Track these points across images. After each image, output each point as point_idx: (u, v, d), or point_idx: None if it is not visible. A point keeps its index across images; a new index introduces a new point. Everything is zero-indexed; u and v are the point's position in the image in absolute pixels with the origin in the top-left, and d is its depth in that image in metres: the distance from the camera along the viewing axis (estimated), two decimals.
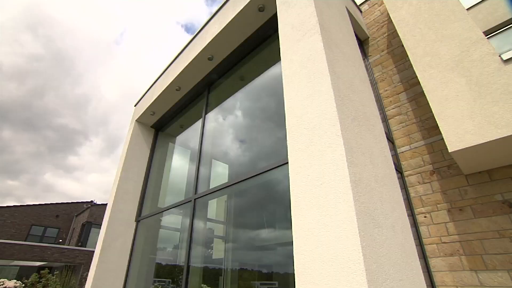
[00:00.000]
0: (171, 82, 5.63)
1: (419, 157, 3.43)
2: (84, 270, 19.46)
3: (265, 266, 3.57)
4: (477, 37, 2.71)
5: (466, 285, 2.74)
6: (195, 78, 5.51)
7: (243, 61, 4.96)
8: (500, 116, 2.35)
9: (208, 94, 5.52)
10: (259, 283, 3.51)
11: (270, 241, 3.59)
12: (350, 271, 1.64)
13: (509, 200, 2.74)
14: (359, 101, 2.45)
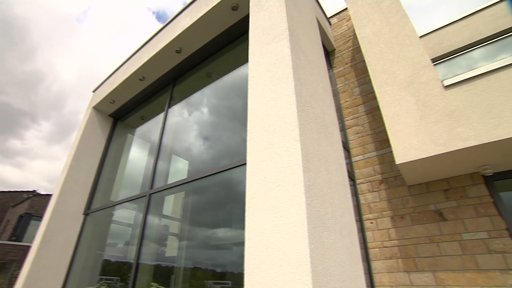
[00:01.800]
0: (135, 70, 5.38)
1: (371, 166, 3.68)
2: (16, 268, 17.53)
3: (219, 265, 3.56)
4: (426, 62, 2.98)
5: (400, 284, 3.01)
6: (161, 69, 5.33)
7: (212, 58, 4.90)
8: (439, 135, 2.61)
9: (173, 87, 5.36)
10: (212, 282, 3.48)
11: (226, 241, 3.59)
12: (298, 272, 1.70)
13: (439, 210, 3.06)
14: (320, 109, 2.56)
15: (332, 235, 2.05)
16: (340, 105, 4.32)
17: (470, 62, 4.74)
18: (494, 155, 2.68)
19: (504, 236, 2.71)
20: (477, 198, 2.94)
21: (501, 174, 3.02)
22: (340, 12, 5.40)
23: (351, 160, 3.84)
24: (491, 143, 2.46)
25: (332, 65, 4.80)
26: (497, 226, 2.77)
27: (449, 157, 2.69)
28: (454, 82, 2.75)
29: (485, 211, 2.86)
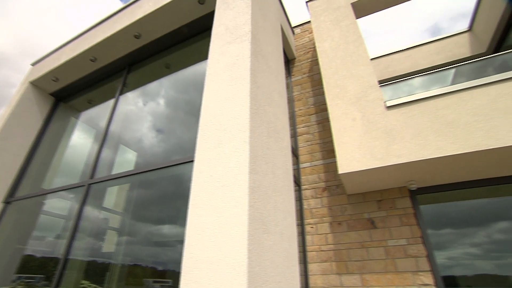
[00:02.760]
0: (86, 49, 4.95)
1: (317, 174, 3.88)
2: None
3: (161, 263, 3.43)
4: (374, 82, 3.26)
5: (332, 286, 3.22)
6: (116, 52, 4.99)
7: (172, 49, 4.73)
8: (378, 150, 2.87)
9: (128, 73, 5.06)
10: (151, 281, 3.34)
11: (171, 238, 3.47)
12: (234, 272, 1.72)
13: (372, 219, 3.35)
14: (274, 114, 2.63)
15: (272, 237, 2.11)
16: (294, 113, 4.49)
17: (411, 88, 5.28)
18: (419, 172, 3.03)
19: (419, 242, 3.08)
20: (402, 209, 3.28)
21: (423, 189, 3.42)
22: (304, 24, 5.61)
23: (298, 166, 4.01)
24: (418, 162, 2.77)
25: (291, 73, 4.96)
26: (415, 234, 3.13)
27: (384, 171, 2.96)
28: (394, 104, 3.05)
29: (407, 221, 3.21)
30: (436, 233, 3.50)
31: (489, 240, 3.34)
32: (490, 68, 4.26)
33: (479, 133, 2.65)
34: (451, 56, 5.66)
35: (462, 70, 4.54)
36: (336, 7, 4.24)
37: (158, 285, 3.27)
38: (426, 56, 5.85)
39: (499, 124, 2.63)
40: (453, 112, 2.82)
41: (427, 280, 2.94)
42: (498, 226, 3.39)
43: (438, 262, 3.13)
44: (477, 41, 5.53)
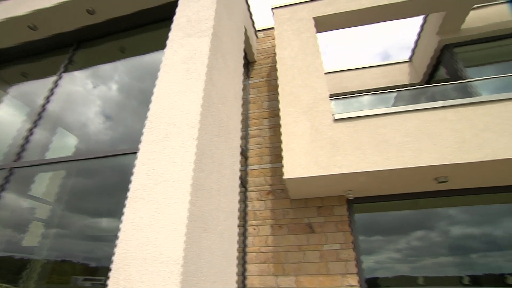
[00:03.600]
0: (25, 14, 4.39)
1: (263, 177, 3.97)
2: None
3: (96, 259, 3.15)
4: (325, 95, 3.46)
5: (268, 286, 3.31)
6: (64, 25, 4.51)
7: (129, 33, 4.44)
8: (322, 160, 3.05)
9: (76, 50, 4.60)
10: (82, 278, 3.05)
11: (109, 232, 3.22)
12: (168, 271, 1.66)
13: (311, 223, 3.54)
14: (226, 113, 2.63)
15: (211, 237, 2.10)
16: (248, 115, 4.54)
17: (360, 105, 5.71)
18: (356, 183, 3.29)
19: (350, 247, 3.35)
20: (339, 216, 3.53)
21: (358, 199, 3.73)
22: (268, 29, 5.73)
23: (247, 168, 4.06)
24: (356, 173, 3.01)
25: (250, 75, 5.02)
26: (347, 239, 3.39)
27: (326, 179, 3.15)
28: (341, 118, 3.27)
29: (342, 227, 3.46)
30: (367, 239, 3.83)
31: (408, 246, 3.77)
32: (422, 97, 4.81)
33: (408, 152, 2.98)
34: (394, 81, 6.28)
35: (402, 94, 5.05)
36: (299, 19, 4.41)
37: (89, 283, 3.02)
38: (374, 78, 6.40)
39: (424, 146, 2.99)
40: (390, 131, 3.13)
41: (353, 281, 3.20)
42: (416, 234, 3.84)
43: (365, 265, 3.42)
44: (415, 72, 6.22)
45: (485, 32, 4.84)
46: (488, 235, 3.72)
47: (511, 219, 3.79)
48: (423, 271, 3.61)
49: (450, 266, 3.63)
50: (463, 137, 2.99)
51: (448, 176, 3.22)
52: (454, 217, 3.95)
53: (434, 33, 5.08)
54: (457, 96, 3.55)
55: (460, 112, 3.15)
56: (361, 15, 4.46)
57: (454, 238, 3.77)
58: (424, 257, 3.69)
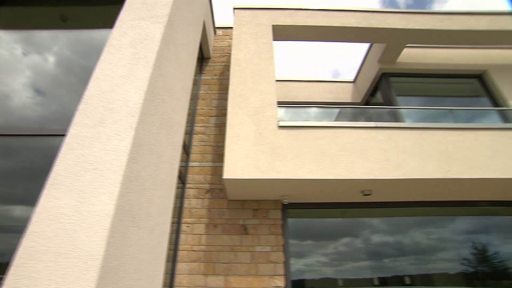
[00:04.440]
0: None
1: (204, 175, 3.92)
2: None
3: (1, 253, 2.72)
4: (273, 101, 3.58)
5: (196, 286, 3.26)
6: None
7: (73, 1, 3.99)
8: (262, 164, 3.14)
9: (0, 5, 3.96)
10: None
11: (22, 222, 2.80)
12: (85, 267, 1.53)
13: (245, 225, 3.61)
14: (172, 106, 2.54)
15: (140, 232, 2.00)
16: (196, 110, 4.46)
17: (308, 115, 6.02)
18: (292, 189, 3.46)
19: (280, 250, 3.50)
20: (273, 220, 3.67)
21: (293, 204, 3.93)
22: (227, 28, 5.71)
23: (187, 164, 3.97)
24: (293, 180, 3.17)
25: (202, 71, 4.93)
26: (278, 242, 3.54)
27: (264, 183, 3.25)
28: (285, 125, 3.41)
29: (275, 230, 3.60)
30: (300, 243, 4.05)
31: (335, 251, 4.10)
32: (360, 116, 5.30)
33: (341, 165, 3.25)
34: (338, 98, 6.80)
35: (344, 111, 5.48)
36: (259, 24, 4.50)
37: None
38: (321, 92, 6.85)
39: (355, 161, 3.30)
40: (328, 143, 3.38)
41: (280, 283, 3.34)
42: (343, 241, 4.20)
43: (296, 268, 3.62)
44: (357, 92, 6.84)
45: (412, 68, 5.57)
46: (398, 243, 4.26)
47: (416, 229, 4.40)
48: (344, 274, 3.97)
49: (367, 269, 4.06)
50: (388, 156, 3.38)
51: (372, 189, 3.60)
52: (375, 226, 4.43)
53: (376, 60, 5.65)
54: (387, 119, 4.00)
55: (388, 134, 3.55)
56: (316, 31, 4.75)
57: (373, 245, 4.23)
58: (347, 261, 4.06)
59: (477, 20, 4.98)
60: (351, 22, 4.70)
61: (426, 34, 4.89)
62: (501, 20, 5.03)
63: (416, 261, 4.20)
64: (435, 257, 4.24)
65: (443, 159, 3.44)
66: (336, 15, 4.76)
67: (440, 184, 3.51)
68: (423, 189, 3.72)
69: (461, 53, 5.76)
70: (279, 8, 4.74)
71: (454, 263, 4.19)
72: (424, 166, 3.36)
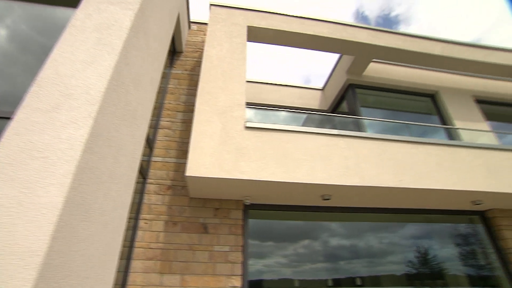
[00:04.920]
0: None
1: (166, 171, 3.82)
2: None
3: None
4: (242, 102, 3.60)
5: (151, 285, 3.16)
6: None
7: None
8: (227, 163, 3.14)
9: None
10: None
11: None
12: (22, 264, 1.40)
13: (206, 224, 3.58)
14: (137, 98, 2.44)
15: (92, 227, 1.89)
16: (163, 104, 4.32)
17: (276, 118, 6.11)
18: (254, 190, 3.49)
19: (239, 250, 3.51)
20: (234, 220, 3.67)
21: (255, 205, 3.97)
22: (202, 23, 5.62)
23: (150, 159, 3.83)
24: (256, 181, 3.21)
25: (173, 65, 4.80)
26: (238, 243, 3.55)
27: (227, 183, 3.24)
28: (252, 126, 3.44)
29: (235, 231, 3.61)
30: (261, 244, 4.10)
31: (294, 252, 4.21)
32: (326, 123, 5.51)
33: (304, 169, 3.35)
34: (307, 104, 7.00)
35: (311, 117, 5.65)
36: (234, 23, 4.49)
37: None
38: (290, 97, 7.00)
39: (317, 166, 3.42)
40: (292, 147, 3.46)
41: (237, 283, 3.35)
42: (302, 243, 4.33)
43: (255, 268, 3.66)
44: (325, 100, 7.10)
45: (377, 82, 5.92)
46: (353, 246, 4.50)
47: (371, 234, 4.68)
48: (302, 275, 4.09)
49: (323, 270, 4.23)
50: (348, 163, 3.56)
51: (332, 194, 3.76)
52: (333, 230, 4.63)
53: (344, 71, 5.91)
54: (350, 128, 4.20)
55: (350, 142, 3.74)
56: (290, 37, 4.85)
57: (331, 248, 4.42)
58: (305, 262, 4.20)
59: (433, 45, 5.44)
60: (324, 32, 4.87)
61: (390, 51, 5.23)
62: (452, 48, 5.55)
63: (368, 263, 4.47)
64: (385, 260, 4.55)
65: (397, 169, 3.70)
66: (310, 24, 4.90)
67: (393, 192, 3.78)
68: (378, 196, 3.97)
69: (419, 73, 6.25)
70: (256, 10, 4.77)
71: (400, 265, 4.53)
72: (380, 175, 3.59)
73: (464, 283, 4.66)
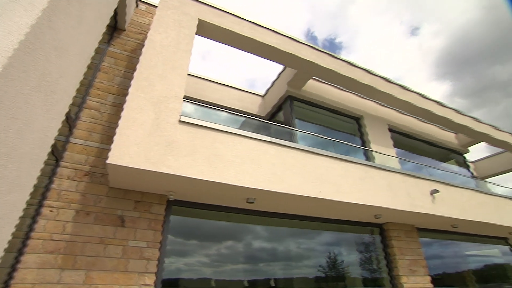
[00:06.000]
0: None
1: (86, 155, 3.45)
2: None
3: None
4: (180, 95, 3.50)
5: (45, 282, 2.78)
6: None
7: None
8: (154, 155, 3.00)
9: None
10: None
11: None
12: None
13: (123, 216, 3.34)
14: (59, 69, 2.16)
15: None
16: (93, 82, 3.91)
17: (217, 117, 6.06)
18: (179, 186, 3.41)
19: (156, 247, 3.36)
20: (155, 215, 3.51)
21: (179, 202, 3.87)
22: (152, 5, 5.30)
23: (68, 140, 3.42)
24: (182, 177, 3.13)
25: (112, 42, 4.40)
26: (156, 239, 3.40)
27: (152, 175, 3.09)
28: (186, 121, 3.36)
29: (155, 226, 3.45)
30: (184, 242, 3.99)
31: (217, 252, 4.21)
32: (263, 129, 5.70)
33: (232, 171, 3.40)
34: (246, 107, 7.12)
35: (248, 121, 5.79)
36: (185, 13, 4.34)
37: None
38: (231, 98, 7.04)
39: (245, 169, 3.51)
40: (224, 148, 3.48)
41: (149, 281, 3.19)
42: (226, 244, 4.36)
43: (176, 266, 3.53)
44: (264, 107, 7.35)
45: (313, 98, 6.39)
46: (273, 249, 4.73)
47: (291, 239, 5.00)
48: (221, 275, 4.13)
49: (242, 271, 4.33)
50: (274, 170, 3.73)
51: (256, 198, 3.89)
52: (257, 233, 4.79)
53: (285, 82, 6.21)
54: (284, 138, 4.41)
55: (279, 151, 3.93)
56: (239, 40, 4.89)
57: (253, 250, 4.56)
58: (227, 263, 4.23)
59: (364, 75, 6.14)
60: (272, 42, 5.05)
61: (328, 72, 5.70)
62: (378, 80, 6.35)
63: (285, 266, 4.75)
64: (301, 264, 4.91)
65: (318, 181, 4.03)
66: (261, 31, 5.03)
67: (313, 202, 4.10)
68: (299, 204, 4.26)
69: (350, 97, 6.96)
70: (210, 5, 4.70)
71: (313, 269, 4.94)
72: (303, 184, 3.86)
73: (359, 284, 5.32)
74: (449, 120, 7.44)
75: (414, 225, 5.86)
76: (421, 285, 5.18)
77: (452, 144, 9.00)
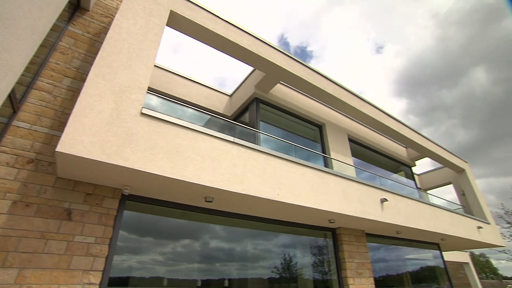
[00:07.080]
0: None
1: (32, 141, 3.16)
2: None
3: None
4: (144, 86, 3.36)
5: None
6: None
7: None
8: (110, 146, 2.84)
9: None
10: None
11: None
12: None
13: (70, 209, 3.10)
14: (4, 43, 1.96)
15: None
16: (47, 62, 3.59)
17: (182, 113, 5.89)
18: (136, 180, 3.27)
19: (105, 243, 3.17)
20: (107, 209, 3.31)
21: (135, 197, 3.71)
22: None
23: (10, 122, 3.09)
24: (139, 171, 3.00)
25: (72, 21, 4.08)
26: (106, 235, 3.21)
27: (106, 167, 2.92)
28: (148, 114, 3.24)
29: (105, 221, 3.26)
30: (139, 239, 3.81)
31: (172, 251, 4.08)
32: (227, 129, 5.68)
33: (192, 169, 3.34)
34: (212, 105, 7.04)
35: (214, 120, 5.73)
36: (157, 2, 4.18)
37: None
38: (198, 94, 6.92)
39: (206, 168, 3.47)
40: (185, 145, 3.41)
41: (95, 279, 3.00)
42: (182, 242, 4.25)
43: (127, 264, 3.35)
44: (230, 107, 7.33)
45: (279, 103, 6.53)
46: (230, 249, 4.72)
47: (250, 240, 5.03)
48: (175, 274, 4.01)
49: (197, 271, 4.26)
50: (235, 170, 3.74)
51: (214, 197, 3.86)
52: (215, 232, 4.74)
53: (253, 84, 6.26)
54: (249, 139, 4.44)
55: (241, 151, 3.95)
56: (211, 37, 4.83)
57: (209, 249, 4.50)
58: (182, 262, 4.13)
59: (329, 84, 6.42)
60: (244, 42, 5.07)
61: (295, 79, 5.86)
62: (341, 91, 6.68)
63: (241, 266, 4.77)
64: (257, 264, 4.96)
65: (276, 184, 4.12)
66: (233, 30, 5.02)
67: (271, 204, 4.17)
68: (258, 206, 4.31)
69: (314, 104, 7.23)
70: None
71: (267, 270, 5.02)
72: (261, 186, 3.92)
73: (310, 285, 5.52)
74: (402, 135, 8.07)
75: (363, 230, 6.24)
76: (365, 286, 5.53)
77: (402, 157, 9.77)
